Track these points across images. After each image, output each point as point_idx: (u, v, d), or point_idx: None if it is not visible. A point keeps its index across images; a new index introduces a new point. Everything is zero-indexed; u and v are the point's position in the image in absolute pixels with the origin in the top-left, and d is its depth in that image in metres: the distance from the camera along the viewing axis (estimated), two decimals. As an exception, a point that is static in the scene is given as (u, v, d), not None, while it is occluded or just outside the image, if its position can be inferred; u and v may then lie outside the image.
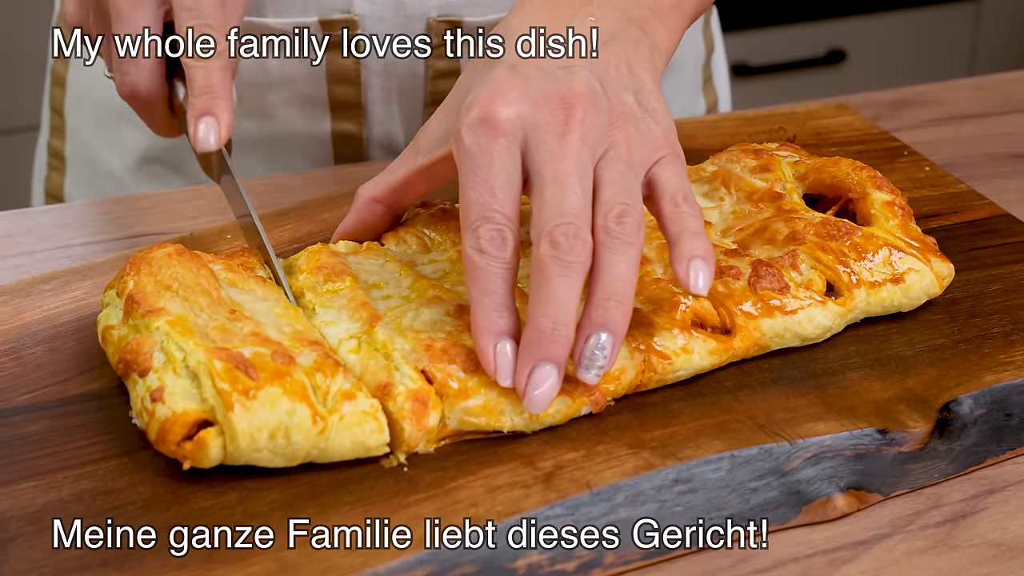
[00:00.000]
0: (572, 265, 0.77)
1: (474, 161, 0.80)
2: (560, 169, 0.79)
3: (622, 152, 0.82)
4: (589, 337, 0.78)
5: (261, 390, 0.76)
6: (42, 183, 1.36)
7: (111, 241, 1.06)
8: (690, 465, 0.79)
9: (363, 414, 0.78)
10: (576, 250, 0.77)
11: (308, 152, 1.24)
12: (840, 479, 0.81)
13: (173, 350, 0.79)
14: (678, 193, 0.83)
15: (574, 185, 0.79)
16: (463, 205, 0.80)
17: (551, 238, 0.78)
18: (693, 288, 0.81)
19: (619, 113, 0.83)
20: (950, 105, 1.28)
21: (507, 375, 0.79)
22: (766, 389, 0.85)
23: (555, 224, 0.78)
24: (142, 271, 0.84)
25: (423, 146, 0.88)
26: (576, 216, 0.78)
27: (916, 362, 0.88)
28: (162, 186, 1.27)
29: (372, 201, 0.92)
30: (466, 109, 0.83)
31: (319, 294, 0.88)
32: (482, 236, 0.79)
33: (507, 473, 0.79)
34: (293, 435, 0.76)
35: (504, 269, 0.79)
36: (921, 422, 0.83)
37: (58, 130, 1.33)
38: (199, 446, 0.76)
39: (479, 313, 0.79)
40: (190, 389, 0.77)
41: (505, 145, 0.80)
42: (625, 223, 0.79)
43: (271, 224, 1.01)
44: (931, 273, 0.92)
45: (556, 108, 0.81)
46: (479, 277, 0.79)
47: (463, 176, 0.81)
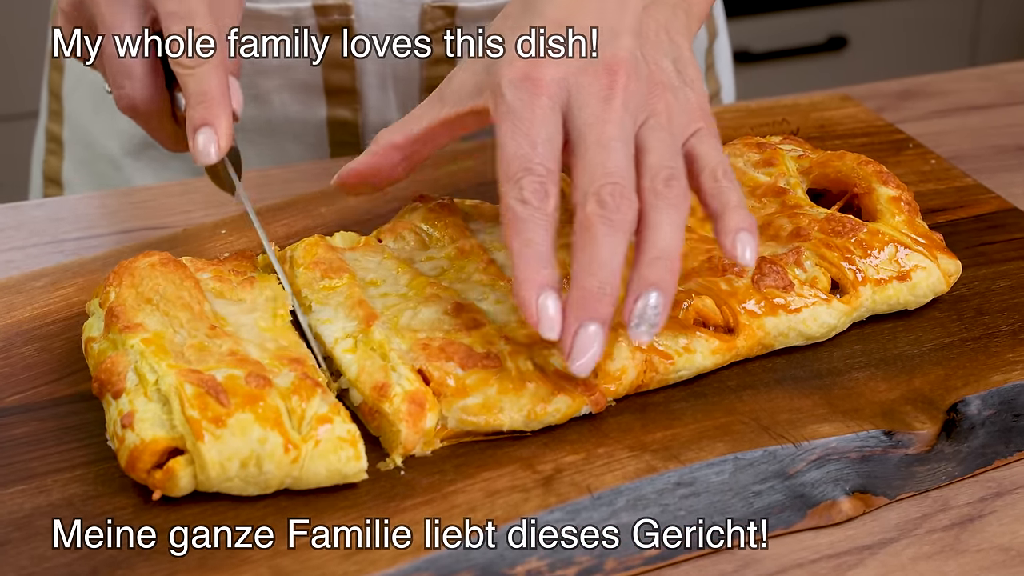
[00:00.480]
0: (618, 224, 0.77)
1: (517, 115, 0.79)
2: (604, 132, 0.79)
3: (662, 120, 0.82)
4: (640, 296, 0.77)
5: (232, 417, 0.74)
6: (40, 167, 1.35)
7: (104, 236, 1.04)
8: (693, 468, 0.77)
9: (339, 440, 0.75)
10: (623, 209, 0.77)
11: (303, 138, 1.22)
12: (845, 482, 0.79)
13: (146, 371, 0.77)
14: (717, 167, 0.83)
15: (618, 148, 0.79)
16: (503, 158, 0.79)
17: (598, 197, 0.77)
18: (741, 260, 0.81)
19: (658, 81, 0.84)
20: (955, 96, 1.26)
21: (550, 327, 0.76)
22: (770, 389, 0.84)
23: (601, 183, 0.77)
24: (124, 282, 0.83)
25: (449, 97, 0.86)
26: (622, 176, 0.78)
27: (923, 361, 0.86)
28: (161, 171, 1.25)
29: (392, 147, 0.89)
30: (507, 65, 0.82)
31: (315, 291, 0.86)
32: (525, 187, 0.78)
33: (506, 476, 0.77)
34: (265, 464, 0.74)
35: (546, 221, 0.77)
36: (928, 423, 0.81)
37: (56, 114, 1.31)
38: (168, 476, 0.74)
39: (521, 264, 0.77)
40: (160, 415, 0.76)
41: (548, 104, 0.80)
42: (673, 186, 0.79)
43: (266, 219, 1.00)
44: (938, 270, 0.90)
45: (599, 73, 0.81)
46: (521, 228, 0.77)
47: (504, 130, 0.80)
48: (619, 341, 0.82)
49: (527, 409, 0.80)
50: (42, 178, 1.34)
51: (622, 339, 0.82)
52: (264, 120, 1.21)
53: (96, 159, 1.28)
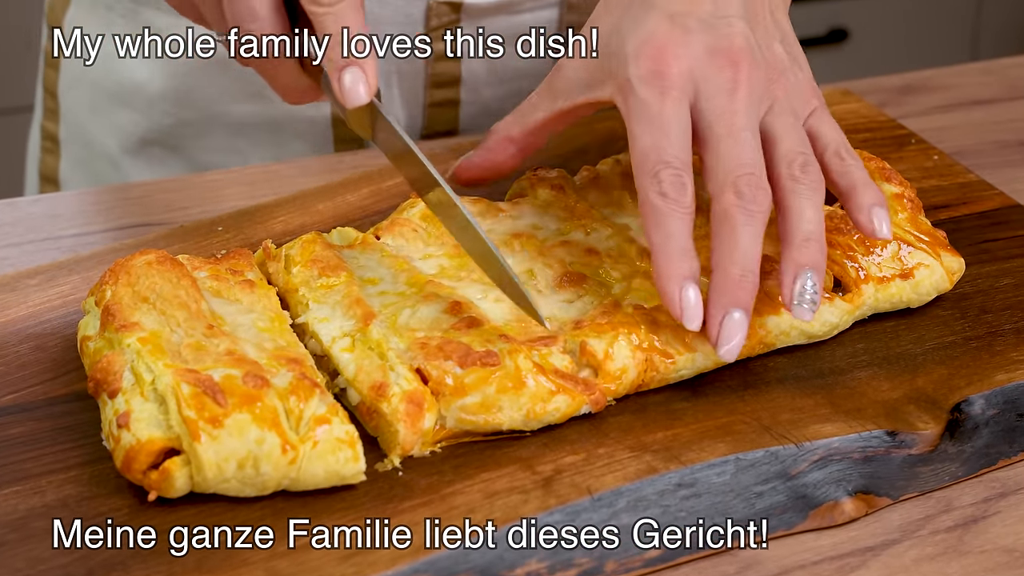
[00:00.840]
0: (756, 214, 0.79)
1: (649, 109, 0.82)
2: (734, 123, 0.82)
3: (784, 106, 0.85)
4: (797, 277, 0.80)
5: (229, 417, 0.73)
6: (36, 166, 1.33)
7: (100, 232, 1.03)
8: (694, 469, 0.77)
9: (337, 441, 0.75)
10: (759, 199, 0.80)
11: (307, 136, 1.21)
12: (848, 482, 0.78)
13: (142, 371, 0.76)
14: (840, 146, 0.87)
15: (748, 139, 0.81)
16: (637, 153, 0.81)
17: (735, 188, 0.80)
18: (879, 234, 0.84)
19: (774, 67, 0.86)
20: (957, 91, 1.25)
21: (694, 318, 0.79)
22: (771, 389, 0.83)
23: (737, 175, 0.80)
24: (120, 280, 0.82)
25: (562, 89, 0.89)
26: (755, 166, 0.81)
27: (926, 360, 0.85)
28: (161, 169, 1.24)
29: (507, 140, 0.92)
30: (635, 60, 0.83)
31: (313, 289, 0.85)
32: (664, 180, 0.80)
33: (505, 477, 0.76)
34: (262, 465, 0.73)
35: (685, 213, 0.80)
36: (931, 423, 0.81)
37: (52, 112, 1.30)
38: (164, 476, 0.73)
39: (662, 259, 0.79)
40: (156, 415, 0.75)
41: (677, 97, 0.82)
42: (809, 171, 0.83)
43: (263, 216, 0.99)
44: (941, 268, 0.89)
45: (723, 65, 0.83)
46: (662, 222, 0.80)
47: (636, 125, 0.82)
48: (618, 340, 0.81)
49: (526, 408, 0.79)
50: (38, 177, 1.33)
51: (621, 339, 0.82)
52: (268, 117, 1.20)
53: (94, 158, 1.27)
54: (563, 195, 0.94)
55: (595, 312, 0.84)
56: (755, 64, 0.84)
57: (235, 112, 1.19)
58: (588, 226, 0.91)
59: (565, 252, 0.89)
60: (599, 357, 0.81)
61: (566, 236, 0.91)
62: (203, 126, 1.21)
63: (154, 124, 1.22)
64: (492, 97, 1.20)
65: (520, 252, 0.89)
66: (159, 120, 1.21)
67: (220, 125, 1.20)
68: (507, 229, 0.92)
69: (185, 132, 1.21)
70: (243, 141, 1.21)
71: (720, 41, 0.84)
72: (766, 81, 0.85)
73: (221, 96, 1.19)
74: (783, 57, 0.87)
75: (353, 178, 1.04)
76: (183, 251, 0.95)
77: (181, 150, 1.23)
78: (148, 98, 1.21)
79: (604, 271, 0.87)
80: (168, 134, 1.22)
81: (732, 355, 0.80)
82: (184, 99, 1.20)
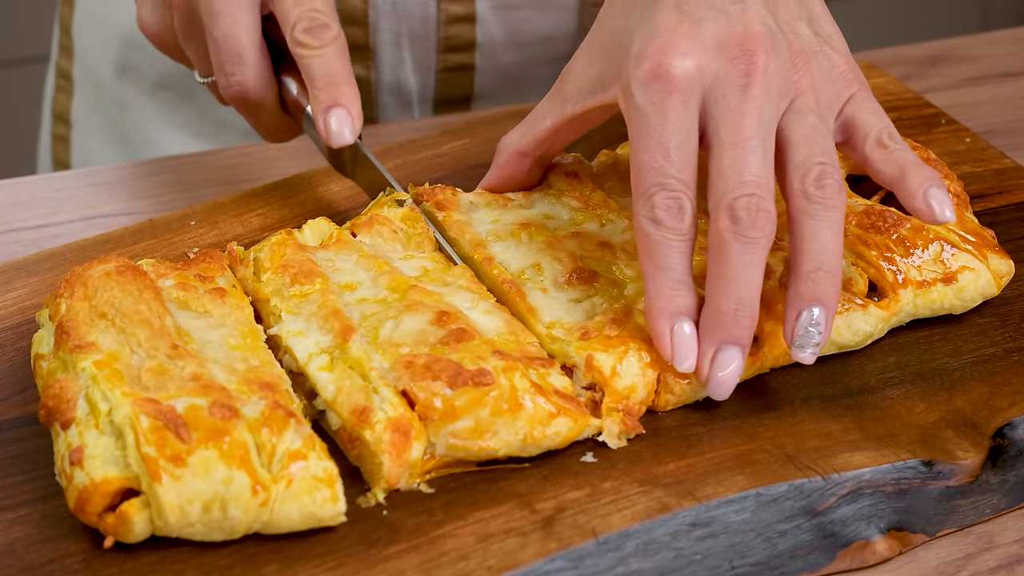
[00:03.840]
0: (755, 241, 0.72)
1: (647, 120, 0.74)
2: (740, 129, 0.73)
3: (809, 100, 0.76)
4: (801, 313, 0.73)
5: (193, 455, 0.66)
6: (50, 104, 1.28)
7: (65, 224, 0.96)
8: (710, 506, 0.69)
9: (314, 480, 0.67)
10: (759, 224, 0.72)
11: None
12: (880, 519, 0.71)
13: (98, 399, 0.69)
14: (882, 132, 0.78)
15: (755, 148, 0.73)
16: (635, 169, 0.74)
17: (731, 211, 0.72)
18: (941, 218, 0.76)
19: (798, 52, 0.77)
20: (986, 62, 1.17)
21: (684, 359, 0.73)
22: (795, 410, 0.75)
23: (735, 196, 0.72)
24: (76, 294, 0.74)
25: (570, 93, 0.82)
26: (758, 185, 0.72)
27: (963, 376, 0.78)
28: (174, 115, 1.18)
29: (518, 155, 0.86)
30: (635, 60, 0.75)
31: (285, 299, 0.78)
32: (657, 205, 0.73)
33: (501, 517, 0.69)
34: (230, 508, 0.66)
35: (681, 242, 0.73)
36: (972, 451, 0.73)
37: (66, 50, 1.25)
38: (122, 520, 0.66)
39: (653, 292, 0.73)
40: (113, 451, 0.67)
41: (681, 101, 0.74)
42: (826, 186, 0.73)
43: (238, 208, 0.91)
44: (988, 272, 0.81)
45: (735, 57, 0.75)
46: (653, 252, 0.73)
47: (635, 136, 0.75)
48: (628, 356, 0.74)
49: (523, 432, 0.72)
50: (51, 115, 1.28)
51: (631, 354, 0.74)
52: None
53: (106, 100, 1.22)
54: (578, 182, 0.86)
55: (604, 318, 0.76)
56: (774, 52, 0.75)
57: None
58: (603, 217, 0.84)
59: (576, 245, 0.81)
60: (605, 373, 0.74)
61: (579, 227, 0.83)
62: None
63: (167, 70, 1.16)
64: (510, 63, 1.14)
65: (528, 243, 0.82)
66: (171, 68, 1.15)
67: None
68: (515, 219, 0.84)
69: (196, 84, 1.15)
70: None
71: (733, 28, 0.75)
72: (788, 71, 0.76)
73: None
74: (810, 40, 0.78)
75: (338, 164, 0.96)
76: (152, 248, 0.87)
77: (194, 98, 1.18)
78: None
79: (617, 268, 0.80)
80: (180, 82, 1.17)
81: (723, 394, 0.73)
82: None
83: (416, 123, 1.08)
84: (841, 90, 0.78)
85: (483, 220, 0.84)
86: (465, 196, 0.86)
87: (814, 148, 0.74)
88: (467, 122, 1.01)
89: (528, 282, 0.79)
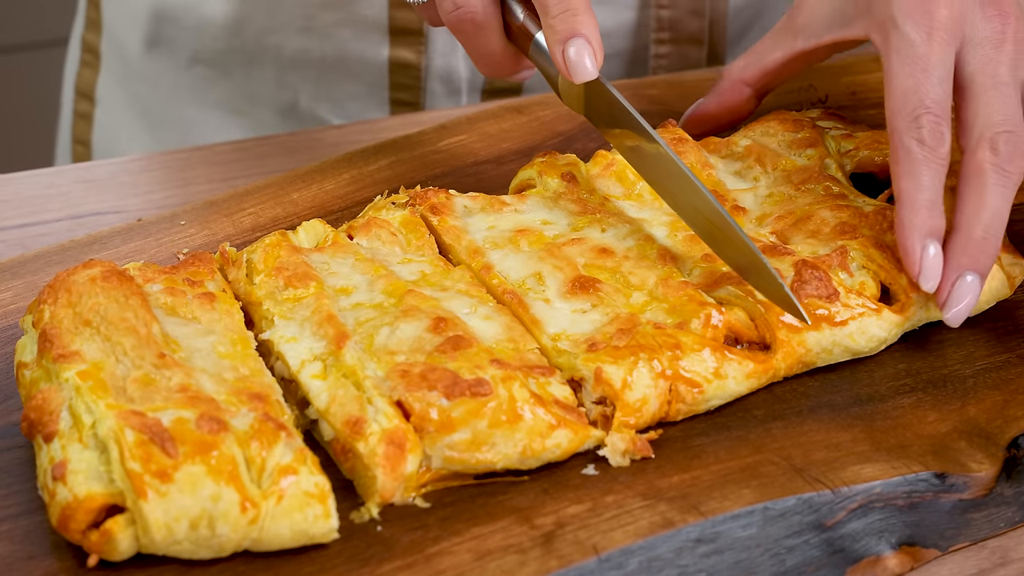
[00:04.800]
0: (1011, 175, 0.76)
1: (915, 49, 0.78)
2: (998, 75, 0.78)
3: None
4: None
5: (179, 470, 0.64)
6: (72, 81, 1.26)
7: (52, 222, 0.93)
8: (715, 521, 0.67)
9: (305, 495, 0.65)
10: (1016, 160, 0.76)
11: (361, 78, 1.14)
12: (891, 533, 0.69)
13: (82, 412, 0.66)
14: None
15: (1011, 94, 0.78)
16: (897, 92, 0.78)
17: (992, 144, 0.76)
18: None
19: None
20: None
21: (931, 278, 0.75)
22: (803, 420, 0.73)
23: (997, 130, 0.77)
24: (60, 300, 0.72)
25: (803, 27, 0.86)
26: (1016, 124, 0.77)
27: (977, 384, 0.75)
28: (208, 91, 1.17)
29: (741, 83, 0.89)
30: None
31: (278, 302, 0.75)
32: (924, 126, 0.76)
33: (499, 533, 0.67)
34: (218, 525, 0.64)
35: (940, 164, 0.76)
36: (985, 463, 0.71)
37: (94, 23, 1.23)
38: (106, 538, 0.64)
39: (909, 209, 0.76)
40: (97, 466, 0.65)
41: (945, 40, 0.78)
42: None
43: (230, 207, 0.89)
44: (1001, 273, 0.79)
45: (991, 15, 0.80)
46: (916, 171, 0.76)
47: (897, 62, 0.78)
48: (638, 367, 0.71)
49: (522, 444, 0.69)
50: (73, 92, 1.26)
51: (641, 364, 0.72)
52: (319, 55, 1.13)
53: (133, 76, 1.20)
54: (575, 185, 0.84)
55: (610, 329, 0.74)
56: (1020, 18, 0.80)
57: (288, 46, 1.13)
58: (603, 221, 0.81)
59: (577, 251, 0.79)
60: (616, 386, 0.71)
61: (578, 232, 0.81)
62: (253, 55, 1.15)
63: (204, 45, 1.15)
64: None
65: (527, 251, 0.79)
66: (209, 44, 1.14)
67: (270, 58, 1.14)
68: (511, 225, 0.82)
69: (234, 59, 1.15)
70: (293, 76, 1.14)
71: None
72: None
73: (275, 29, 1.13)
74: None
75: (332, 161, 0.93)
76: (142, 249, 0.85)
77: (231, 73, 1.16)
78: (199, 19, 1.14)
79: (621, 276, 0.77)
80: (218, 57, 1.16)
81: (958, 320, 0.76)
82: (235, 26, 1.13)
83: (416, 117, 1.06)
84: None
85: (479, 226, 0.81)
86: (460, 200, 0.83)
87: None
88: (466, 117, 0.98)
89: (529, 292, 0.77)
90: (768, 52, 0.87)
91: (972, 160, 0.76)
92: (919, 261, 0.75)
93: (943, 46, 0.78)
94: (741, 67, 0.89)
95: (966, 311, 0.75)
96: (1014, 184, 0.76)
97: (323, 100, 1.15)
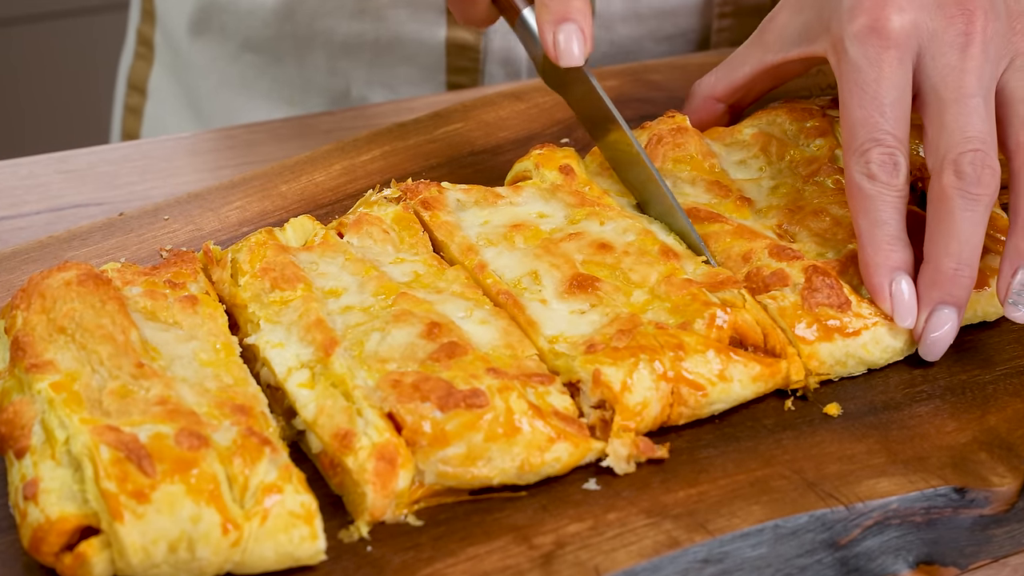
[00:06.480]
0: (979, 198, 0.72)
1: (861, 75, 0.74)
2: (962, 87, 0.74)
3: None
4: (1018, 270, 0.72)
5: (157, 490, 0.60)
6: (126, 72, 1.24)
7: (31, 215, 0.90)
8: (723, 540, 0.64)
9: (291, 516, 0.62)
10: (984, 180, 0.72)
11: (417, 60, 1.11)
12: (908, 551, 0.66)
13: (55, 426, 0.63)
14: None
15: (978, 106, 0.73)
16: (847, 124, 0.75)
17: (956, 167, 0.72)
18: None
19: (1017, 14, 0.77)
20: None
21: (906, 315, 0.73)
22: (815, 430, 0.70)
23: (960, 151, 0.72)
24: (33, 305, 0.68)
25: (772, 42, 0.83)
26: (983, 141, 0.72)
27: (996, 391, 0.72)
28: (258, 79, 1.14)
29: (711, 100, 0.87)
30: (849, 13, 0.75)
31: (264, 305, 0.72)
32: (872, 160, 0.73)
33: (496, 553, 0.63)
34: (199, 548, 0.61)
35: (896, 198, 0.73)
36: (1007, 476, 0.68)
37: (148, 14, 1.21)
38: (80, 562, 0.61)
39: (870, 248, 0.73)
40: (71, 484, 0.62)
41: (897, 57, 0.74)
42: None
43: (215, 201, 0.85)
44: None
45: (954, 15, 0.75)
46: (869, 207, 0.73)
47: (847, 91, 0.75)
48: (638, 368, 0.68)
49: (520, 459, 0.66)
50: (126, 84, 1.24)
51: (642, 366, 0.68)
52: (373, 38, 1.10)
53: (186, 67, 1.18)
54: (573, 178, 0.80)
55: (610, 330, 0.70)
56: (992, 13, 0.75)
57: (339, 31, 1.10)
58: (601, 214, 0.78)
59: (574, 247, 0.75)
60: (615, 389, 0.68)
61: (576, 227, 0.77)
62: (304, 41, 1.12)
63: (255, 32, 1.12)
64: (626, 36, 1.10)
65: (522, 248, 0.76)
66: (259, 30, 1.12)
67: (322, 43, 1.11)
68: (506, 219, 0.78)
69: (284, 46, 1.12)
70: (346, 62, 1.12)
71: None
72: (1006, 33, 0.75)
73: (327, 12, 1.10)
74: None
75: (323, 151, 0.90)
76: (123, 245, 0.82)
77: (280, 63, 1.13)
78: (249, 4, 1.11)
79: (621, 273, 0.74)
80: (269, 44, 1.13)
81: (936, 355, 0.73)
82: (286, 10, 1.10)
83: (408, 103, 1.02)
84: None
85: (472, 222, 0.78)
86: (452, 193, 0.79)
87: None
88: (461, 104, 0.95)
89: (525, 292, 0.73)
90: (738, 66, 0.85)
91: (936, 186, 0.72)
92: (889, 299, 0.72)
93: (895, 66, 0.74)
94: (711, 83, 0.86)
95: (943, 343, 0.72)
96: (985, 206, 0.72)
97: (376, 85, 1.12)
